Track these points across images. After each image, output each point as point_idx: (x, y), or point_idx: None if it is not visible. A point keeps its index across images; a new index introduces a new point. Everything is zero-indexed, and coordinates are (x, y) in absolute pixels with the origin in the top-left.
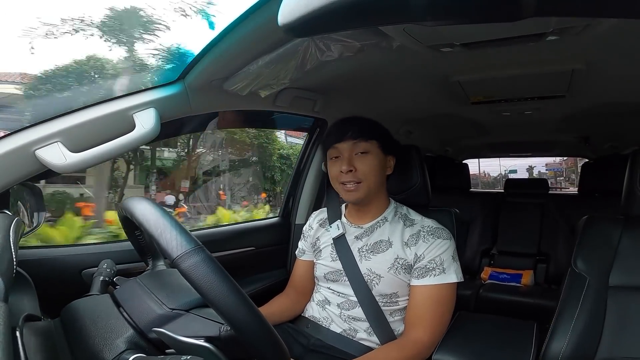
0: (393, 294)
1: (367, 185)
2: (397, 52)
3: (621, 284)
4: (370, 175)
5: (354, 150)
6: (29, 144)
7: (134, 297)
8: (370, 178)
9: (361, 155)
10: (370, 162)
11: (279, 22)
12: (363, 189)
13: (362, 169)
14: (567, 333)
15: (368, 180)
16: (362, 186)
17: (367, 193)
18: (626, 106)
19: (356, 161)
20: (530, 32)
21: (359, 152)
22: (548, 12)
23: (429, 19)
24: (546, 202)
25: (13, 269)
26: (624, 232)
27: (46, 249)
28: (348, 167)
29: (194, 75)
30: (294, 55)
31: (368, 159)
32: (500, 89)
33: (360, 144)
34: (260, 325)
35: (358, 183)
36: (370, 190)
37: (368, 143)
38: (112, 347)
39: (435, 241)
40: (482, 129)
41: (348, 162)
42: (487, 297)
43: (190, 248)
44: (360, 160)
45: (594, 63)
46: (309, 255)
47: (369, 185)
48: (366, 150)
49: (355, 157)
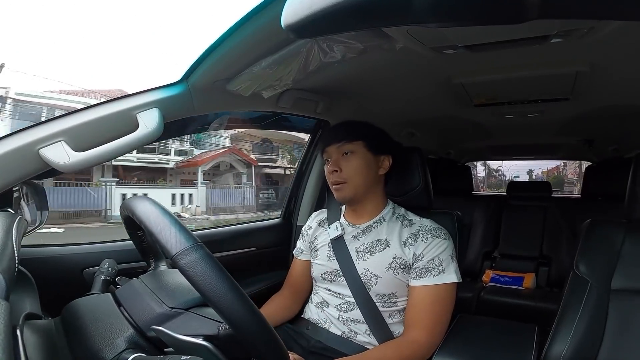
0: (391, 294)
1: (353, 185)
2: (400, 53)
3: (623, 287)
4: (355, 176)
5: (340, 152)
6: (33, 142)
7: (135, 296)
8: (355, 178)
9: (346, 157)
10: (354, 163)
11: (282, 23)
12: (348, 188)
13: (347, 170)
14: (568, 336)
15: (353, 180)
16: (347, 186)
17: (353, 193)
18: (630, 109)
19: (342, 162)
20: (534, 35)
21: (344, 153)
22: (552, 15)
23: (432, 21)
24: (549, 205)
25: (15, 267)
26: (627, 235)
27: (48, 248)
28: (333, 168)
29: (198, 76)
30: (297, 57)
31: (352, 160)
32: (503, 91)
33: (345, 145)
34: (259, 324)
35: (343, 183)
36: (357, 190)
37: (352, 144)
38: (112, 346)
39: (434, 240)
40: (484, 132)
41: (333, 163)
42: (489, 299)
43: (189, 245)
44: (346, 161)
45: (598, 65)
46: (306, 255)
47: (355, 185)
48: (351, 150)
49: (341, 158)
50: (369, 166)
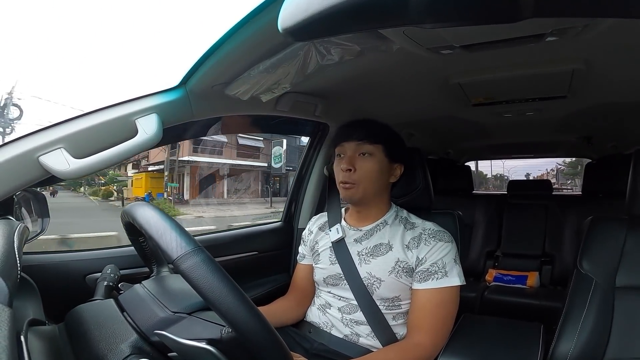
0: (395, 298)
1: (363, 188)
2: (397, 55)
3: (628, 284)
4: (368, 179)
5: (357, 150)
6: (32, 150)
7: (138, 301)
8: (367, 181)
9: (363, 157)
10: (370, 166)
11: (279, 26)
12: (358, 190)
13: (361, 171)
14: (574, 334)
15: (364, 183)
16: (356, 188)
17: (362, 196)
18: (628, 105)
19: (357, 162)
20: (529, 33)
21: (361, 153)
22: (547, 13)
23: (428, 21)
24: (550, 203)
25: (17, 274)
26: (629, 232)
27: (50, 254)
28: (347, 166)
29: (196, 81)
30: (294, 60)
31: (369, 162)
32: (501, 90)
33: (365, 145)
34: (261, 326)
35: (353, 184)
36: (366, 194)
37: (373, 146)
38: (117, 351)
39: (437, 244)
40: (483, 131)
41: (349, 161)
42: (492, 299)
43: (190, 249)
44: (362, 162)
45: (594, 63)
46: (309, 259)
47: (365, 189)
48: (369, 152)
49: (357, 157)
50: (383, 172)
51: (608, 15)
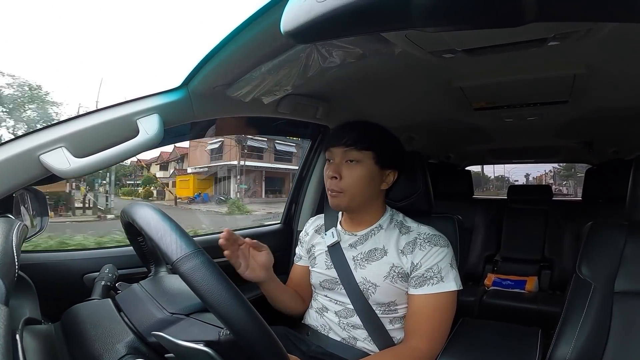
0: (391, 303)
1: (350, 196)
2: (399, 58)
3: (627, 289)
4: (355, 187)
5: (344, 157)
6: (33, 148)
7: (135, 301)
8: (353, 190)
9: (350, 164)
10: (357, 173)
11: (281, 29)
12: (344, 199)
13: (347, 179)
14: (572, 339)
15: (351, 191)
16: (343, 196)
17: (348, 204)
18: (629, 111)
19: (344, 169)
20: (532, 38)
21: (348, 160)
22: (550, 17)
23: (430, 25)
24: (550, 208)
25: (15, 273)
26: (629, 237)
27: (48, 253)
28: (333, 174)
29: (198, 81)
30: (296, 62)
31: (356, 170)
32: (502, 94)
33: (352, 152)
34: (260, 329)
35: (340, 192)
36: (353, 202)
37: (360, 153)
38: (112, 351)
39: (432, 249)
40: (484, 135)
41: (335, 169)
42: (491, 303)
43: (190, 251)
44: (349, 169)
45: (596, 68)
46: (305, 260)
47: (352, 197)
48: (357, 159)
49: (344, 164)
50: (372, 179)
51: (612, 20)
